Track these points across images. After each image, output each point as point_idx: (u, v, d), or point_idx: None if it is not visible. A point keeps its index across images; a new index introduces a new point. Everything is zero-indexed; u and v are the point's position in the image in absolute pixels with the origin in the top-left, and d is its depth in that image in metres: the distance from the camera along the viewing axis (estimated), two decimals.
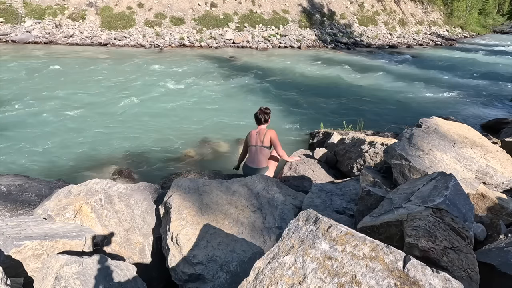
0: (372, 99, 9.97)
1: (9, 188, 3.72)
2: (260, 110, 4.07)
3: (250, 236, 2.45)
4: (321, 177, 4.14)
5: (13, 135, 6.15)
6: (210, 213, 2.56)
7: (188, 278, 2.15)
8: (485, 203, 2.42)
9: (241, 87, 10.51)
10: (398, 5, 30.09)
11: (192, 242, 2.27)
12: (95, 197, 2.61)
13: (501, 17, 53.36)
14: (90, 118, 7.21)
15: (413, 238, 1.55)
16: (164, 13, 20.55)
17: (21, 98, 8.20)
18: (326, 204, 2.88)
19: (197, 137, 6.36)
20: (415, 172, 2.47)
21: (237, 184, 2.99)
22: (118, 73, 11.51)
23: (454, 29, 35.54)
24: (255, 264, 1.33)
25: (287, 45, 20.65)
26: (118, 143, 5.97)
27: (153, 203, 2.91)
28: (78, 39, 17.45)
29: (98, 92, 9.16)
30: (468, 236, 1.55)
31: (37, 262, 1.96)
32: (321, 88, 11.12)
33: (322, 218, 1.39)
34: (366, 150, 3.99)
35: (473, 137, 3.06)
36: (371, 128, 6.63)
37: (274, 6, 23.43)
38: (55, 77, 10.39)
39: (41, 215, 2.45)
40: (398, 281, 1.16)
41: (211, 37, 19.84)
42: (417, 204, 1.70)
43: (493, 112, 9.27)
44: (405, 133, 2.98)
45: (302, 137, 6.59)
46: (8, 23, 17.26)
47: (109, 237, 2.44)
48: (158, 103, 8.44)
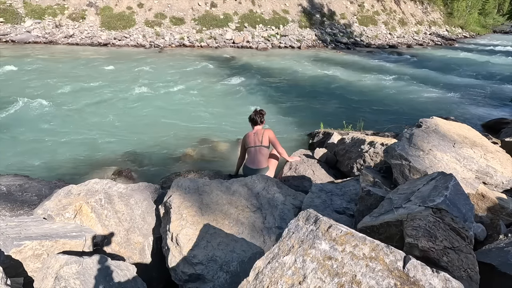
0: (372, 99, 9.97)
1: (9, 188, 3.72)
2: (255, 111, 4.16)
3: (250, 236, 2.45)
4: (321, 177, 4.14)
5: (13, 135, 6.15)
6: (210, 213, 2.56)
7: (188, 278, 2.15)
8: (485, 203, 2.41)
9: (241, 87, 10.52)
10: (398, 5, 30.09)
11: (192, 242, 2.27)
12: (95, 197, 2.61)
13: (501, 17, 53.34)
14: (90, 118, 7.22)
15: (413, 238, 1.55)
16: (164, 13, 20.55)
17: (21, 98, 8.20)
18: (326, 204, 2.88)
19: (197, 137, 6.36)
20: (415, 172, 2.47)
21: (237, 184, 2.99)
22: (118, 73, 11.51)
23: (454, 29, 35.55)
24: (255, 264, 1.33)
25: (287, 45, 20.65)
26: (118, 143, 5.97)
27: (153, 203, 2.91)
28: (78, 39, 17.46)
29: (98, 92, 9.17)
30: (468, 236, 1.55)
31: (37, 262, 1.96)
32: (321, 88, 11.12)
33: (322, 218, 1.39)
34: (366, 150, 3.99)
35: (473, 137, 3.06)
36: (371, 128, 6.63)
37: (274, 6, 23.43)
38: (54, 77, 10.39)
39: (41, 215, 2.45)
40: (398, 281, 1.16)
41: (211, 37, 19.85)
42: (417, 204, 1.70)
43: (493, 112, 9.27)
44: (405, 133, 2.97)
45: (302, 137, 6.59)
46: (8, 23, 17.27)
47: (109, 237, 2.44)
48: (158, 103, 8.44)
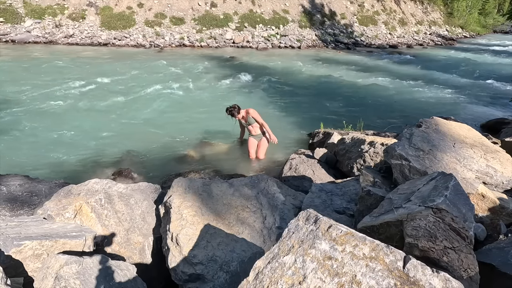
0: (372, 99, 9.96)
1: (9, 188, 3.72)
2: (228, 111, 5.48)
3: (250, 236, 2.45)
4: (321, 177, 4.14)
5: (13, 135, 6.15)
6: (210, 213, 2.56)
7: (188, 278, 2.16)
8: (485, 203, 2.42)
9: (241, 87, 10.51)
10: (398, 5, 30.08)
11: (192, 242, 2.27)
12: (95, 197, 2.61)
13: (501, 17, 53.25)
14: (90, 118, 7.21)
15: (413, 238, 1.55)
16: (164, 13, 20.54)
17: (21, 98, 8.20)
18: (326, 204, 2.89)
19: (197, 137, 6.36)
20: (415, 172, 2.47)
21: (237, 184, 2.99)
22: (118, 73, 11.51)
23: (454, 29, 35.54)
24: (255, 264, 1.33)
25: (287, 45, 20.64)
26: (118, 143, 5.96)
27: (153, 203, 2.91)
28: (78, 39, 17.44)
29: (97, 92, 9.16)
30: (468, 236, 1.55)
31: (37, 262, 1.96)
32: (321, 88, 11.11)
33: (322, 218, 1.39)
34: (366, 150, 3.99)
35: (473, 137, 3.06)
36: (371, 128, 6.62)
37: (274, 6, 23.41)
38: (54, 77, 10.39)
39: (41, 215, 2.45)
40: (398, 281, 1.16)
41: (211, 37, 19.84)
42: (417, 204, 1.70)
43: (493, 112, 9.26)
44: (405, 133, 2.97)
45: (302, 137, 6.58)
46: (8, 23, 17.25)
47: (109, 237, 2.44)
48: (158, 103, 8.44)
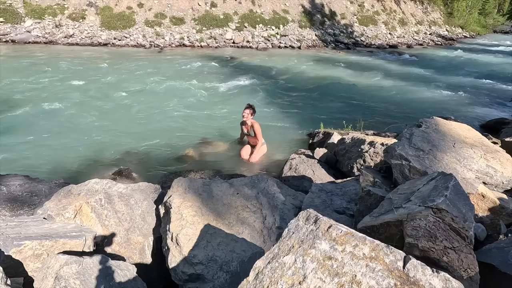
0: (372, 99, 9.96)
1: (9, 188, 3.72)
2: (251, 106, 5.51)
3: (250, 236, 2.45)
4: (321, 177, 4.15)
5: (13, 135, 6.14)
6: (210, 213, 2.56)
7: (188, 278, 2.16)
8: (485, 203, 2.42)
9: (241, 87, 10.51)
10: (398, 5, 30.06)
11: (192, 242, 2.27)
12: (95, 197, 2.61)
13: (501, 17, 53.34)
14: (90, 118, 7.20)
15: (413, 238, 1.55)
16: (164, 13, 20.54)
17: (21, 98, 8.20)
18: (326, 204, 2.89)
19: (197, 137, 6.36)
20: (415, 172, 2.47)
21: (237, 184, 2.99)
22: (118, 73, 11.50)
23: (454, 29, 35.51)
24: (255, 264, 1.33)
25: (287, 45, 20.63)
26: (118, 143, 5.96)
27: (153, 203, 2.91)
28: (78, 39, 17.43)
29: (98, 92, 9.16)
30: (468, 236, 1.55)
31: (37, 262, 1.96)
32: (321, 88, 11.10)
33: (322, 218, 1.39)
34: (366, 150, 3.99)
35: (473, 137, 3.06)
36: (371, 128, 6.62)
37: (274, 6, 23.40)
38: (54, 77, 10.38)
39: (41, 215, 2.45)
40: (398, 281, 1.16)
41: (211, 37, 19.83)
42: (417, 204, 1.70)
43: (493, 112, 9.26)
44: (405, 133, 2.97)
45: (302, 137, 6.58)
46: (8, 23, 17.23)
47: (109, 237, 2.44)
48: (158, 103, 8.43)
